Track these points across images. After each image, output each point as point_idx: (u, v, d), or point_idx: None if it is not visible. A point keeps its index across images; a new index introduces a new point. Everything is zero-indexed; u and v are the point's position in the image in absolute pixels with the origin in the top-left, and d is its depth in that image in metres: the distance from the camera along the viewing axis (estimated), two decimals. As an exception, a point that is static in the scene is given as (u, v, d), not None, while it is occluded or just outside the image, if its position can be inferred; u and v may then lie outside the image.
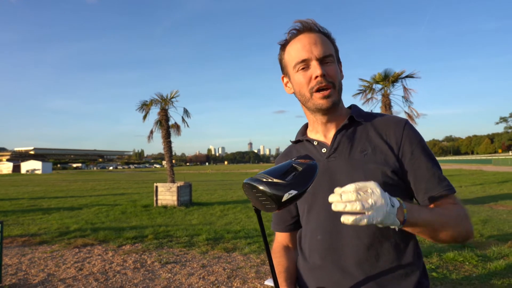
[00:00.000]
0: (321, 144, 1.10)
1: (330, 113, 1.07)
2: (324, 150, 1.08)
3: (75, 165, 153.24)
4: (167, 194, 11.13)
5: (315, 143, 1.11)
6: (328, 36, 1.06)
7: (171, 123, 12.65)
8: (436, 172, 1.00)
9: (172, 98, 12.48)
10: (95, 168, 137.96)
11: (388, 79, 11.94)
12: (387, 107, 11.97)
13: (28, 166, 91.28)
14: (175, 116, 24.75)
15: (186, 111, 13.00)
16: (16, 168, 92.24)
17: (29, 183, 29.47)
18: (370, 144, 1.04)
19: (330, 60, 1.02)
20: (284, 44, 1.08)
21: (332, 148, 1.06)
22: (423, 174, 0.99)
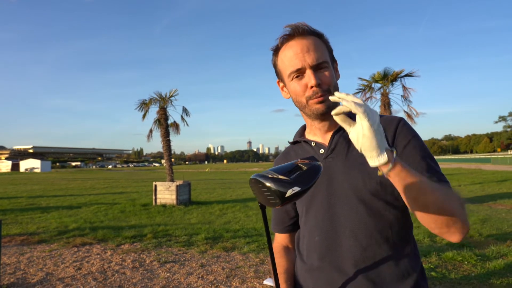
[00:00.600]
0: (318, 145, 1.10)
1: (326, 118, 1.06)
2: (322, 151, 1.09)
3: (74, 163, 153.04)
4: (166, 193, 11.12)
5: (312, 144, 1.11)
6: (321, 37, 1.05)
7: (170, 122, 12.65)
8: (428, 164, 0.97)
9: (171, 97, 12.46)
10: (94, 166, 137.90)
11: (387, 78, 11.94)
12: (386, 106, 11.97)
13: (27, 164, 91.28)
14: (174, 115, 24.70)
15: (185, 110, 13.01)
16: (15, 167, 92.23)
17: (28, 181, 29.43)
18: None
19: (325, 66, 1.01)
20: (276, 50, 1.07)
21: (330, 148, 1.07)
22: (415, 167, 0.95)
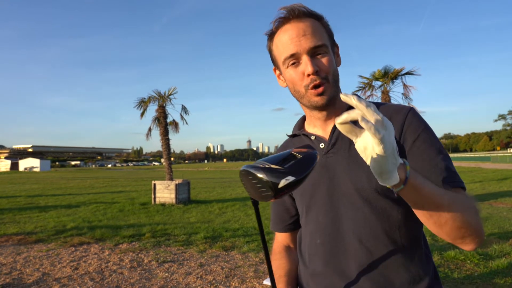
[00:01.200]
0: (318, 139, 1.01)
1: (327, 108, 0.98)
2: (322, 146, 1.00)
3: (73, 162, 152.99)
4: (165, 192, 11.05)
5: (312, 138, 1.02)
6: (320, 19, 0.95)
7: (169, 120, 12.56)
8: (440, 163, 0.87)
9: (170, 95, 12.36)
10: (94, 165, 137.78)
11: (388, 76, 11.86)
12: (387, 104, 11.88)
13: (26, 163, 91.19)
14: (173, 113, 24.54)
15: (184, 108, 12.91)
16: (14, 166, 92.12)
17: (27, 180, 29.35)
18: None
19: (323, 51, 0.92)
20: (271, 35, 0.98)
21: (330, 143, 0.98)
22: (423, 165, 0.87)
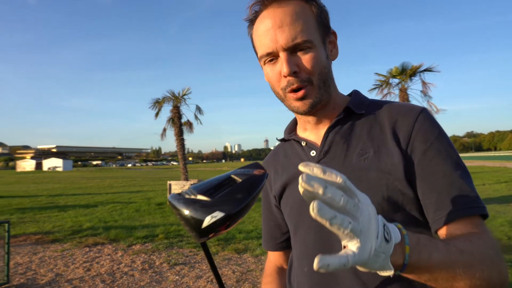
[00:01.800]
0: (310, 145, 0.85)
1: (314, 112, 0.82)
2: (313, 153, 0.83)
3: (95, 162, 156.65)
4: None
5: (303, 144, 0.86)
6: (308, 0, 0.77)
7: (183, 120, 12.59)
8: (456, 181, 0.70)
9: (184, 95, 12.39)
10: (114, 165, 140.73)
11: (406, 73, 11.52)
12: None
13: (49, 163, 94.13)
14: (188, 113, 24.77)
15: (198, 108, 12.91)
16: (39, 166, 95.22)
17: (49, 180, 30.18)
18: (373, 144, 0.77)
19: (305, 46, 0.74)
20: (251, 20, 0.81)
21: (323, 151, 0.81)
22: (436, 182, 0.70)
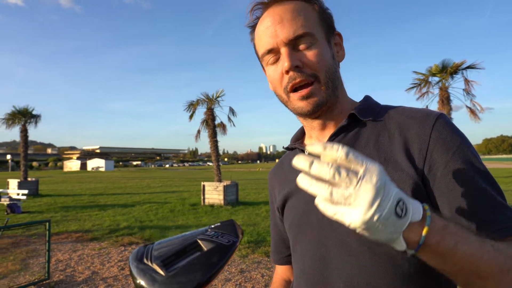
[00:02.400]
0: (313, 154, 0.80)
1: (319, 115, 0.76)
2: None
3: (135, 162, 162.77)
4: (214, 193, 11.21)
5: (306, 152, 0.80)
6: (310, 0, 0.73)
7: (217, 122, 12.73)
8: (488, 196, 0.61)
9: (218, 97, 12.52)
10: (153, 165, 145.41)
11: (447, 70, 10.94)
12: (445, 102, 10.99)
13: (93, 164, 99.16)
14: (222, 115, 25.02)
15: (232, 110, 13.00)
16: (83, 166, 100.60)
17: (92, 180, 31.71)
18: (379, 155, 0.70)
19: (308, 41, 0.70)
20: (253, 26, 0.79)
21: None
22: (464, 198, 0.62)
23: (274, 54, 0.72)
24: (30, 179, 16.43)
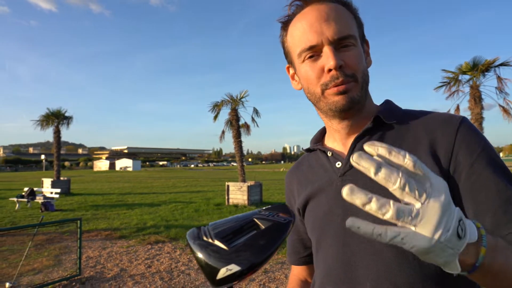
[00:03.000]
0: (336, 156, 0.80)
1: (349, 116, 0.76)
2: (338, 165, 0.78)
3: (161, 162, 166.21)
4: (238, 193, 11.29)
5: (329, 154, 0.81)
6: (347, 5, 0.74)
7: (241, 123, 12.81)
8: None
9: (242, 98, 12.61)
10: (178, 166, 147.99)
11: (478, 68, 10.50)
12: (477, 100, 10.54)
13: (121, 163, 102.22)
14: (246, 116, 25.13)
15: (256, 111, 13.05)
16: (112, 166, 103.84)
17: (120, 179, 32.66)
18: None
19: (351, 43, 0.71)
20: (285, 22, 0.78)
21: (349, 163, 0.75)
22: (489, 199, 0.62)
23: (314, 51, 0.72)
24: (62, 179, 17.11)
